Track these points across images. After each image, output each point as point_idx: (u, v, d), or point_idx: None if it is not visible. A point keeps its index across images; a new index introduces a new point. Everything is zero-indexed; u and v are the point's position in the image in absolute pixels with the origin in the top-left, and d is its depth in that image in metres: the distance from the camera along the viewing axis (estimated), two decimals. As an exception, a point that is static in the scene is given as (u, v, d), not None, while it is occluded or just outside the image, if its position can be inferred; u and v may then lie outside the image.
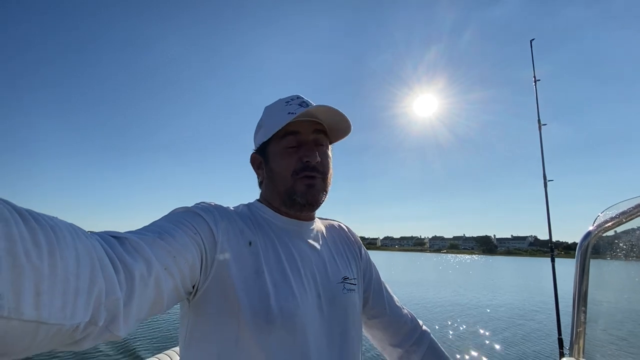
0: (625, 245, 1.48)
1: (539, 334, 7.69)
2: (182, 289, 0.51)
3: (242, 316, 0.56)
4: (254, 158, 0.77)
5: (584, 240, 1.53)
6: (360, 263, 0.82)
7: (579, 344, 1.52)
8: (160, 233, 0.50)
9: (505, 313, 10.14)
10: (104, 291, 0.35)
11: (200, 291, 0.56)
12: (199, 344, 0.59)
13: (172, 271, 0.47)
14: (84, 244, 0.34)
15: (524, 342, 6.93)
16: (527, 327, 8.28)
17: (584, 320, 1.51)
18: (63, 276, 0.30)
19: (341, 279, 0.72)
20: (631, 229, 1.41)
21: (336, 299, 0.68)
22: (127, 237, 0.44)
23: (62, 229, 0.32)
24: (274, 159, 0.70)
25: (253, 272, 0.60)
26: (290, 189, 0.68)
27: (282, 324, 0.58)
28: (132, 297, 0.39)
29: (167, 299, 0.47)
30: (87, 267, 0.33)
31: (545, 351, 6.42)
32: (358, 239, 0.87)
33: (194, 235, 0.54)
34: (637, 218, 1.36)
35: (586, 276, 1.51)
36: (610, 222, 1.43)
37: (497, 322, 8.85)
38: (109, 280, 0.36)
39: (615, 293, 1.64)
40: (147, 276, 0.43)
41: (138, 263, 0.42)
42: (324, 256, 0.73)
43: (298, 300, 0.61)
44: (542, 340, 7.15)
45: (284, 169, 0.69)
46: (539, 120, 3.05)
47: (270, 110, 0.73)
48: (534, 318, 9.58)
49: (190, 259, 0.52)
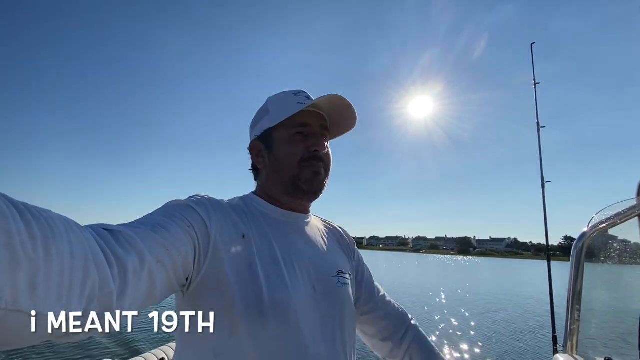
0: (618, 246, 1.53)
1: (524, 333, 7.84)
2: (176, 281, 0.51)
3: (236, 309, 0.56)
4: (254, 145, 0.73)
5: (578, 241, 1.58)
6: (353, 262, 0.83)
7: (572, 341, 1.57)
8: (154, 226, 0.50)
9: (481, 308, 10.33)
10: (97, 284, 0.35)
11: (193, 284, 0.56)
12: (194, 337, 0.59)
13: (165, 264, 0.47)
14: (78, 237, 0.34)
15: (514, 342, 7.06)
16: (512, 325, 8.45)
17: (577, 318, 1.56)
18: (58, 269, 0.31)
19: (336, 272, 0.71)
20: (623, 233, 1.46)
21: (331, 292, 0.68)
22: (119, 230, 0.44)
23: (57, 222, 0.33)
24: (280, 146, 0.69)
25: (246, 265, 0.59)
26: (296, 176, 0.68)
27: (275, 316, 0.57)
28: (125, 290, 0.39)
29: (160, 291, 0.47)
30: (81, 260, 0.34)
31: (539, 348, 6.59)
32: (352, 239, 0.88)
33: (187, 228, 0.54)
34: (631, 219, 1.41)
35: (580, 276, 1.56)
36: (605, 224, 1.48)
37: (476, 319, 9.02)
38: (102, 273, 0.36)
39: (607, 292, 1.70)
40: (140, 269, 0.43)
41: (131, 256, 0.42)
42: (318, 249, 0.72)
43: (291, 292, 0.61)
44: (534, 337, 7.30)
45: (291, 156, 0.68)
46: (537, 122, 3.10)
47: (276, 99, 0.72)
48: (502, 309, 9.93)
49: (184, 252, 0.52)
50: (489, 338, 7.21)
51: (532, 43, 3.48)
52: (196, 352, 0.59)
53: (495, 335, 7.47)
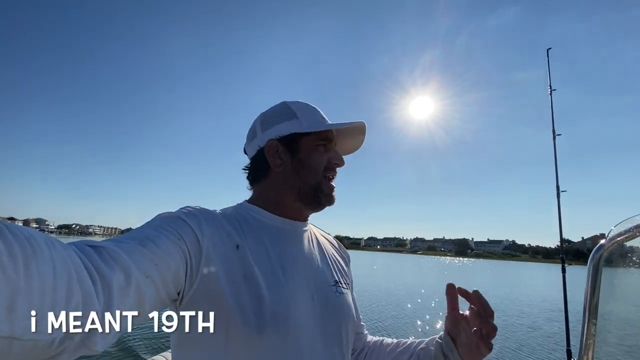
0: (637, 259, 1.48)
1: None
2: (166, 296, 0.50)
3: (232, 320, 0.54)
4: (273, 145, 0.70)
5: (596, 252, 1.53)
6: (349, 274, 0.82)
7: (588, 356, 1.52)
8: (142, 240, 0.48)
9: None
10: (80, 304, 0.34)
11: (186, 298, 0.55)
12: (188, 350, 0.58)
13: (154, 279, 0.46)
14: (61, 255, 0.33)
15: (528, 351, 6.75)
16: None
17: (594, 333, 1.51)
18: (39, 289, 0.30)
19: (333, 282, 0.71)
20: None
21: (329, 301, 0.67)
22: (104, 246, 0.42)
23: (39, 240, 0.32)
24: (307, 151, 0.70)
25: (242, 277, 0.58)
26: (318, 185, 0.69)
27: (274, 326, 0.56)
28: (110, 308, 0.38)
29: (150, 307, 0.46)
30: (64, 279, 0.32)
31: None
32: (347, 253, 0.88)
33: (177, 241, 0.53)
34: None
35: (597, 289, 1.51)
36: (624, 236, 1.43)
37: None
38: (85, 291, 0.35)
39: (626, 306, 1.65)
40: (126, 286, 0.41)
41: (115, 272, 0.40)
42: (316, 258, 0.72)
43: (290, 302, 0.60)
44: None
45: (318, 164, 0.70)
46: (553, 130, 2.98)
47: (301, 106, 0.73)
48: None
49: (174, 266, 0.50)
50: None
51: (548, 49, 3.28)
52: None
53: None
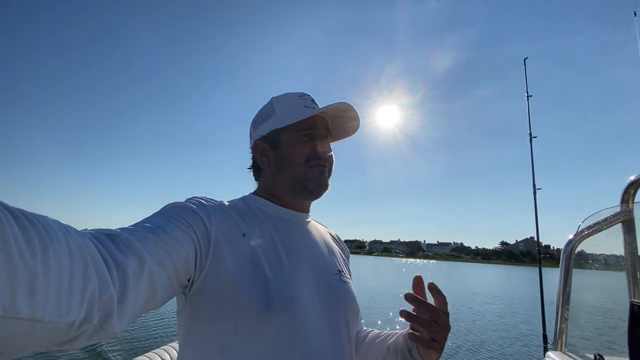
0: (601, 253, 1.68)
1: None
2: (177, 283, 0.51)
3: (240, 305, 0.56)
4: (258, 145, 0.74)
5: (567, 245, 1.72)
6: (348, 267, 0.84)
7: (562, 339, 1.69)
8: (153, 228, 0.50)
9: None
10: (97, 289, 0.35)
11: (195, 285, 0.56)
12: (197, 337, 0.59)
13: (165, 266, 0.47)
14: (76, 242, 0.34)
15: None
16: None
17: (566, 317, 1.68)
18: (57, 274, 0.30)
19: (337, 271, 0.73)
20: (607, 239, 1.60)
21: (334, 289, 0.69)
22: (117, 234, 0.44)
23: (54, 227, 0.32)
24: (287, 146, 0.71)
25: (249, 263, 0.60)
26: (302, 176, 0.70)
27: (281, 310, 0.57)
28: (125, 294, 0.39)
29: (162, 294, 0.47)
30: (80, 264, 0.33)
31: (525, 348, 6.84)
32: (347, 249, 0.90)
33: (186, 229, 0.54)
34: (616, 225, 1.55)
35: (569, 279, 1.69)
36: (591, 229, 1.62)
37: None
38: (101, 277, 0.36)
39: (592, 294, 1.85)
40: (140, 272, 0.42)
41: (130, 259, 0.41)
42: (319, 248, 0.74)
43: (297, 289, 0.61)
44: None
45: (298, 156, 0.70)
46: (530, 133, 3.29)
47: (282, 100, 0.73)
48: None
49: (184, 253, 0.52)
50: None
51: (524, 58, 3.64)
52: (201, 352, 0.58)
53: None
